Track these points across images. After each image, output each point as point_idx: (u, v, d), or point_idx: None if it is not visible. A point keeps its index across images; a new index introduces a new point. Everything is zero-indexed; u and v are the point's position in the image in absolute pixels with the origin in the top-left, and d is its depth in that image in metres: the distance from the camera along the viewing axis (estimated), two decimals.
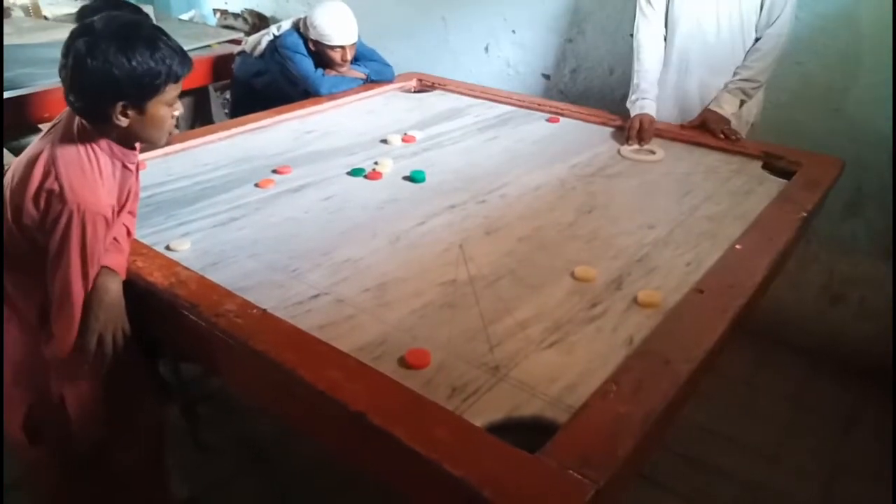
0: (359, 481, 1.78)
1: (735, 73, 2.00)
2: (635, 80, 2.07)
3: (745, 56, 1.99)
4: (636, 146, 1.93)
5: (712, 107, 2.00)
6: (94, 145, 1.15)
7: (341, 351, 1.01)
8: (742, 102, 2.01)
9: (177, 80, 1.14)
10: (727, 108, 1.98)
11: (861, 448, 2.04)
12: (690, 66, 2.05)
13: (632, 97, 2.06)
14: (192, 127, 2.89)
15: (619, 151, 1.92)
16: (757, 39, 1.97)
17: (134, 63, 1.06)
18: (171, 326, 1.26)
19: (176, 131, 1.29)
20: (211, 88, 3.37)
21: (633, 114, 2.02)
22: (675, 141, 1.99)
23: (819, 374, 2.32)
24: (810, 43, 1.95)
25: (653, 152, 1.90)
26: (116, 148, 1.18)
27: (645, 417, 0.89)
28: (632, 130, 1.96)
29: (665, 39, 2.08)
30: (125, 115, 1.11)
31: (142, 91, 1.09)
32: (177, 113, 1.19)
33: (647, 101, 2.02)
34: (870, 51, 2.06)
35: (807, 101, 2.12)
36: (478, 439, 0.86)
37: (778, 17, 1.92)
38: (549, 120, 2.20)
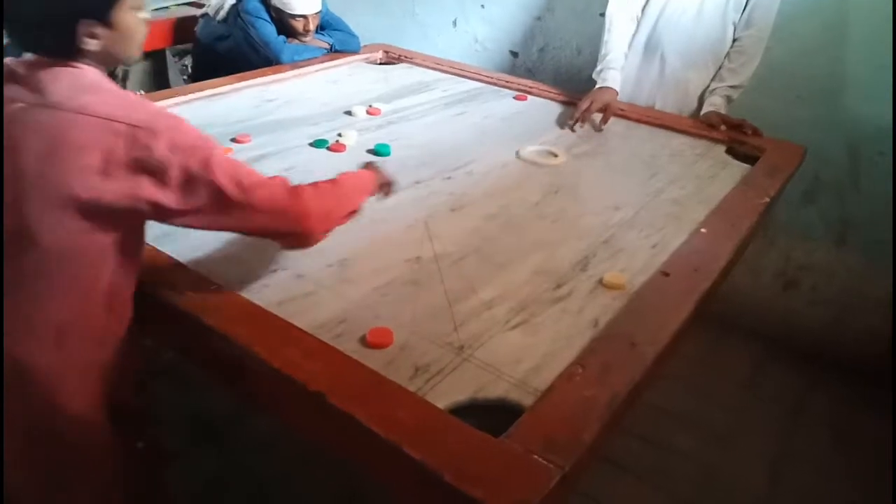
0: (317, 454, 1.75)
1: (721, 78, 1.97)
2: (602, 51, 2.04)
3: (730, 58, 1.96)
4: (540, 150, 1.76)
5: (710, 110, 1.96)
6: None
7: (299, 328, 0.97)
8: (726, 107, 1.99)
9: None
10: (722, 112, 1.96)
11: (809, 433, 2.10)
12: (666, 54, 2.02)
13: (597, 67, 2.04)
14: (147, 92, 2.76)
15: (517, 154, 1.70)
16: (735, 40, 1.96)
17: None
18: None
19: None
20: (169, 53, 3.23)
21: (597, 85, 1.99)
22: (641, 123, 1.99)
23: (772, 358, 2.38)
24: (777, 29, 1.96)
25: (555, 155, 1.70)
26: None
27: (610, 401, 0.88)
28: (580, 109, 1.90)
29: (639, 24, 2.06)
30: (94, 36, 0.92)
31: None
32: (144, 16, 1.01)
33: (612, 71, 1.99)
34: (834, 41, 2.09)
35: (771, 87, 2.14)
36: (440, 421, 0.83)
37: (761, 18, 1.90)
38: (516, 97, 2.17)
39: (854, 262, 2.27)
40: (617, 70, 2.00)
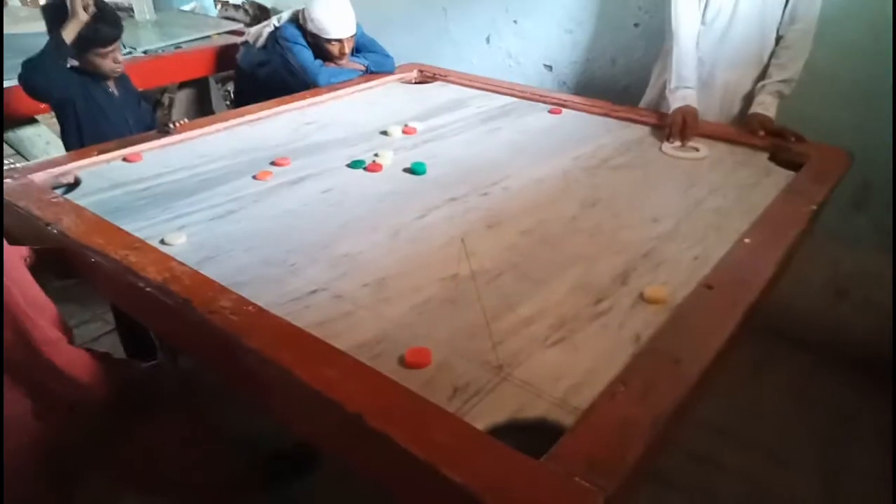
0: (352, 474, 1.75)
1: (769, 74, 1.94)
2: (674, 67, 1.98)
3: (777, 54, 1.93)
4: (678, 143, 1.85)
5: (756, 110, 1.92)
6: None
7: (338, 349, 0.98)
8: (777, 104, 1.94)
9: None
10: (772, 110, 1.91)
11: (864, 445, 2.01)
12: (703, 58, 1.99)
13: (671, 86, 1.99)
14: (191, 118, 2.87)
15: (660, 148, 1.84)
16: (779, 38, 1.92)
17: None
18: (165, 323, 1.22)
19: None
20: (212, 80, 3.34)
21: (673, 105, 1.95)
22: None
23: (823, 369, 2.29)
24: (819, 32, 1.91)
25: (696, 149, 1.82)
26: None
27: (655, 420, 0.86)
28: (674, 127, 1.87)
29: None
30: None
31: None
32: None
33: (688, 90, 1.95)
34: (876, 41, 2.02)
35: (813, 92, 2.08)
36: (479, 443, 0.82)
37: (806, 12, 1.87)
38: (551, 111, 2.16)
39: None
40: (692, 87, 1.95)
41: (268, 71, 2.50)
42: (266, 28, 2.53)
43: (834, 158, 1.74)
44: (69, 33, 1.85)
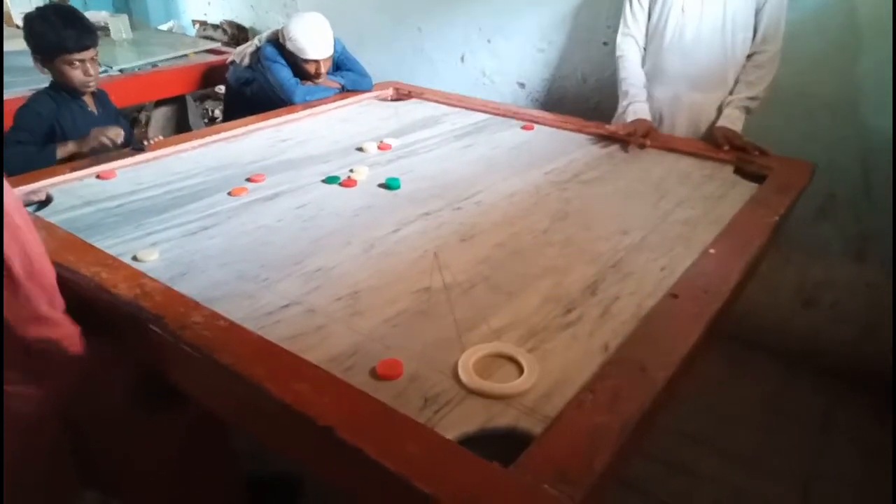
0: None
1: (737, 90, 2.00)
2: (623, 88, 2.06)
3: (746, 71, 1.99)
4: (647, 143, 1.87)
5: (723, 123, 1.98)
6: None
7: (310, 363, 0.98)
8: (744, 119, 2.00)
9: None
10: (738, 124, 1.97)
11: (837, 451, 2.05)
12: (670, 80, 2.05)
13: (623, 103, 2.05)
14: (168, 136, 2.87)
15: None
16: (751, 55, 1.99)
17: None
18: (136, 340, 1.22)
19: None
20: (189, 98, 3.34)
21: (628, 120, 2.00)
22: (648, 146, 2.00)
23: (794, 376, 2.34)
24: (783, 49, 1.97)
25: None
26: None
27: (622, 427, 0.88)
28: (635, 135, 1.91)
29: (646, 50, 2.09)
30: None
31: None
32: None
33: (639, 104, 2.00)
34: (840, 57, 2.09)
35: (779, 106, 2.14)
36: (450, 453, 0.83)
37: (773, 33, 1.94)
38: (524, 127, 2.19)
39: (875, 276, 2.23)
40: (643, 102, 2.02)
41: (254, 89, 2.55)
42: (249, 48, 2.58)
43: (796, 170, 1.79)
44: (64, 152, 1.82)
